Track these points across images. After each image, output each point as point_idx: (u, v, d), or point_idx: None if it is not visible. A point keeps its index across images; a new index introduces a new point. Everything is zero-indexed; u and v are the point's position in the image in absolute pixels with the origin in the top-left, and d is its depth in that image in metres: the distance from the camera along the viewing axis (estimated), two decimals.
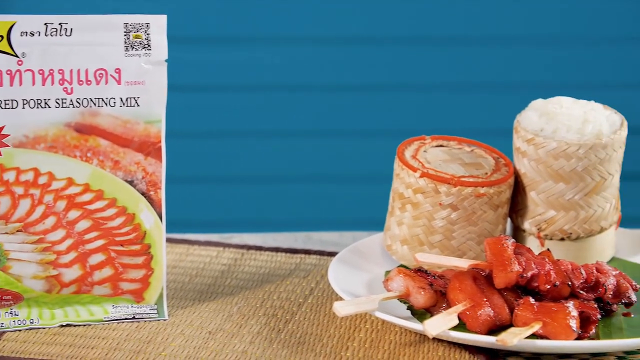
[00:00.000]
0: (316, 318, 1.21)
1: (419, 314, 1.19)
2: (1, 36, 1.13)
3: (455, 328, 1.11)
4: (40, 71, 1.15)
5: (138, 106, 1.18)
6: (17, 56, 1.14)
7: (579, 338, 1.11)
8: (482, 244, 1.30)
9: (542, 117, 1.31)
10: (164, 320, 1.21)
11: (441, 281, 1.18)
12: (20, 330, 1.17)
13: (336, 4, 2.41)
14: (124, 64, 1.17)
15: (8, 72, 1.14)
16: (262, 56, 2.43)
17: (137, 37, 1.17)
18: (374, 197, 1.89)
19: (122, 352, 1.12)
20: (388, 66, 2.44)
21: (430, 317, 1.14)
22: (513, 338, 1.07)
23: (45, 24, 1.14)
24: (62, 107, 1.16)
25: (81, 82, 1.16)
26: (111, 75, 1.17)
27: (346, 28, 2.42)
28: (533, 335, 1.10)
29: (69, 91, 1.16)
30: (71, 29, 1.15)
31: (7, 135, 1.15)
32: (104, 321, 1.19)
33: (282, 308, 1.25)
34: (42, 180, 1.16)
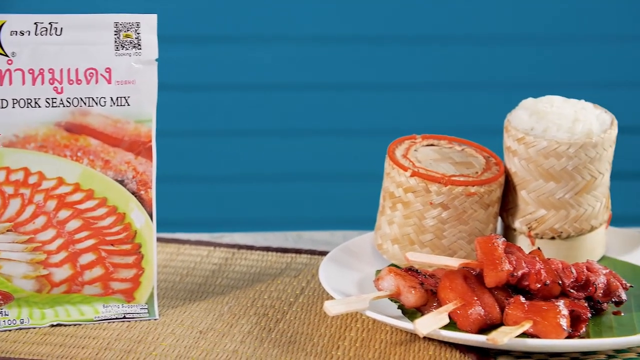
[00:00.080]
0: (307, 317, 1.21)
1: (410, 313, 1.19)
2: None
3: (446, 327, 1.11)
4: (30, 70, 1.15)
5: (128, 105, 1.18)
6: (7, 55, 1.14)
7: (570, 337, 1.11)
8: (473, 243, 1.30)
9: (533, 116, 1.32)
10: (155, 319, 1.21)
11: (432, 280, 1.18)
12: (10, 330, 1.17)
13: (326, 4, 2.41)
14: (115, 64, 1.17)
15: None
16: (253, 55, 2.43)
17: (128, 37, 1.17)
18: (365, 196, 1.89)
19: (113, 352, 1.12)
20: (378, 65, 2.44)
21: (421, 316, 1.14)
22: (504, 337, 1.07)
23: (35, 24, 1.14)
24: (52, 107, 1.16)
25: (71, 82, 1.16)
26: (101, 74, 1.16)
27: (336, 27, 2.42)
28: (524, 334, 1.10)
29: (59, 90, 1.16)
30: (61, 29, 1.15)
31: None
32: (95, 321, 1.19)
33: (273, 307, 1.24)
34: (33, 179, 1.16)
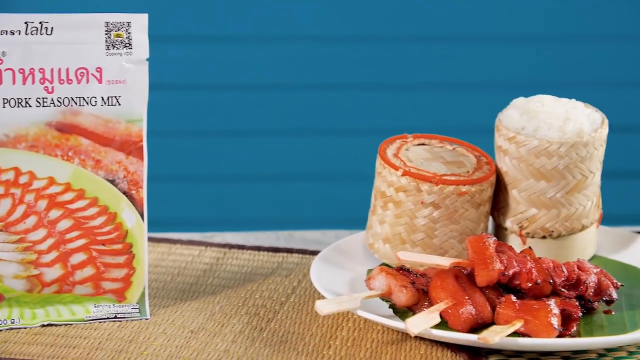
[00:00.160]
0: (298, 317, 1.21)
1: (401, 313, 1.19)
2: None
3: (437, 326, 1.11)
4: (20, 70, 1.14)
5: (119, 105, 1.17)
6: None
7: (561, 336, 1.11)
8: (464, 242, 1.30)
9: (524, 116, 1.32)
10: (146, 319, 1.21)
11: (423, 279, 1.18)
12: (1, 330, 1.16)
13: (316, 4, 2.41)
14: (105, 63, 1.17)
15: None
16: (243, 55, 2.42)
17: (118, 36, 1.16)
18: (356, 196, 1.89)
19: (104, 352, 1.12)
20: (370, 65, 2.44)
21: (412, 316, 1.14)
22: (495, 336, 1.07)
23: (25, 23, 1.14)
24: (43, 106, 1.15)
25: (62, 81, 1.16)
26: (92, 74, 1.16)
27: (327, 27, 2.42)
28: (515, 333, 1.10)
29: (50, 90, 1.15)
30: (52, 28, 1.15)
31: None
32: (86, 321, 1.19)
33: (265, 307, 1.24)
34: (23, 179, 1.16)
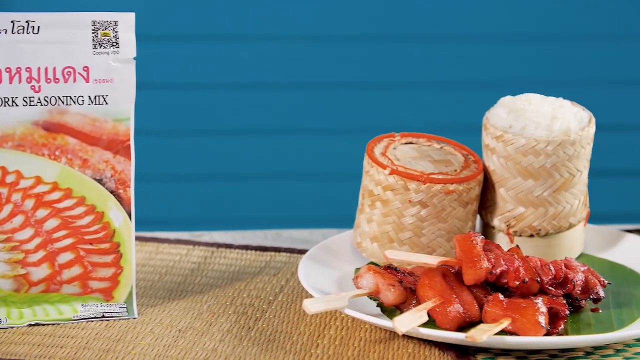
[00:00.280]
0: (286, 316, 1.21)
1: (389, 311, 1.19)
2: None
3: (424, 325, 1.11)
4: (7, 69, 1.14)
5: (106, 104, 1.17)
6: None
7: (548, 334, 1.11)
8: (452, 241, 1.30)
9: (511, 114, 1.32)
10: (134, 318, 1.20)
11: (411, 278, 1.18)
12: None
13: (306, 3, 2.41)
14: (92, 62, 1.16)
15: None
16: (231, 54, 2.42)
17: (105, 35, 1.16)
18: (344, 195, 1.89)
19: (92, 351, 1.11)
20: (356, 63, 2.44)
21: (399, 314, 1.14)
22: (482, 334, 1.07)
23: (12, 22, 1.14)
24: (30, 106, 1.15)
25: (49, 80, 1.15)
26: (79, 73, 1.16)
27: (315, 26, 2.42)
28: (502, 331, 1.11)
29: (37, 89, 1.15)
30: (38, 27, 1.14)
31: None
32: (73, 320, 1.19)
33: (252, 306, 1.24)
34: (10, 178, 1.16)
